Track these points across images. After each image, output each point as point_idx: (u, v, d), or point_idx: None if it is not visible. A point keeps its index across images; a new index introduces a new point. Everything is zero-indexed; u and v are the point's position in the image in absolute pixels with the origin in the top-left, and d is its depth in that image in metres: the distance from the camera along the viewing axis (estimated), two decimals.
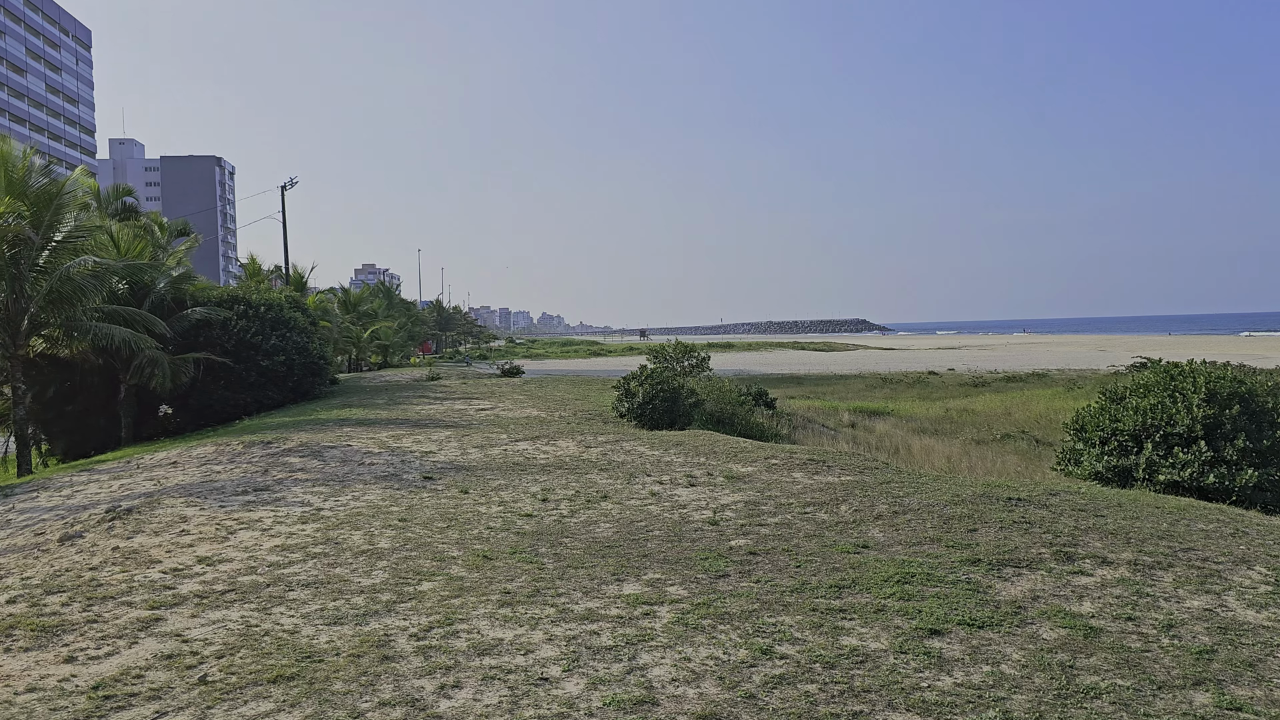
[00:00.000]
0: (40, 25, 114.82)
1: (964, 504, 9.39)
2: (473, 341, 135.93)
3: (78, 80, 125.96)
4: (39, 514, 11.13)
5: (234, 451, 14.75)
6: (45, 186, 21.30)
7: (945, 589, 6.72)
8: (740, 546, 8.06)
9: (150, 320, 23.07)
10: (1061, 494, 10.17)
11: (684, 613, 6.26)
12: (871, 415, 35.65)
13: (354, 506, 10.13)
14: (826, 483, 10.85)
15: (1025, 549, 7.80)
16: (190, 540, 8.65)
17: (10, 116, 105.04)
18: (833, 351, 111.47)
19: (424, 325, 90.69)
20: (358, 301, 61.36)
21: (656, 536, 8.52)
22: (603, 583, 7.04)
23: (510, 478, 11.80)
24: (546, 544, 8.29)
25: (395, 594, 6.78)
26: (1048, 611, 6.26)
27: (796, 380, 53.95)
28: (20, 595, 7.02)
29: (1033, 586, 6.86)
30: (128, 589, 7.06)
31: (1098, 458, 13.11)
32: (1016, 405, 37.18)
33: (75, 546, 8.77)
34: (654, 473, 11.91)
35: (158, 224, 29.69)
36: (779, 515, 9.29)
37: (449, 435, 15.93)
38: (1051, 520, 8.79)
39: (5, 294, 20.59)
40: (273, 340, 26.35)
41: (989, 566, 7.32)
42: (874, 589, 6.73)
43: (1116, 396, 13.68)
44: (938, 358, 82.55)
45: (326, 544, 8.40)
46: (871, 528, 8.71)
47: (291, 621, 6.19)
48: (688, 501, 10.10)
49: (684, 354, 31.99)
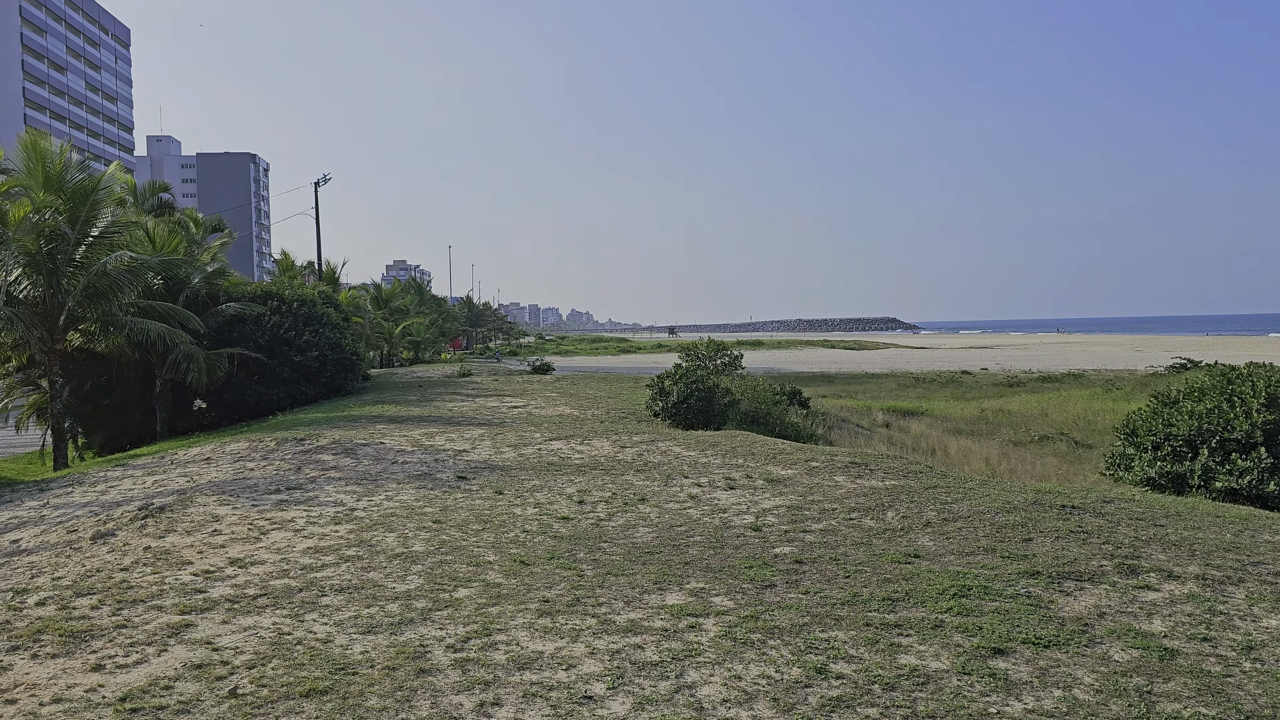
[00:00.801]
0: (80, 24, 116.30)
1: (1016, 511, 9.04)
2: (503, 338, 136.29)
3: (116, 78, 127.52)
4: (73, 510, 11.05)
5: (267, 448, 14.65)
6: (81, 182, 21.35)
7: (1005, 603, 6.40)
8: (785, 554, 7.77)
9: (185, 316, 23.09)
10: (1116, 501, 9.79)
11: (731, 626, 5.99)
12: (905, 415, 35.18)
13: (387, 507, 9.95)
14: (870, 487, 10.53)
15: (1085, 560, 7.45)
16: (222, 541, 8.49)
17: (51, 114, 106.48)
18: (863, 350, 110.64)
19: (455, 321, 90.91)
20: (389, 297, 61.57)
21: (698, 542, 8.24)
22: (644, 592, 6.78)
23: (545, 478, 11.58)
24: (585, 549, 8.05)
25: (431, 601, 6.56)
26: (1116, 630, 5.92)
27: (828, 379, 53.46)
28: (50, 597, 6.88)
29: (1097, 602, 6.52)
30: (158, 592, 6.89)
31: (1150, 463, 12.68)
32: (1053, 406, 36.55)
33: (107, 545, 8.64)
34: (691, 475, 11.64)
35: (193, 220, 29.77)
36: (823, 521, 8.98)
37: (482, 433, 15.75)
38: (1109, 530, 8.42)
39: (43, 289, 20.66)
40: (306, 336, 26.33)
41: (1049, 579, 6.98)
42: (929, 602, 6.42)
43: (1169, 400, 13.22)
44: (970, 357, 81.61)
45: (360, 546, 8.21)
46: (921, 536, 8.39)
47: (324, 629, 5.99)
48: (728, 505, 9.82)
49: (716, 352, 31.65)
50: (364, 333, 40.66)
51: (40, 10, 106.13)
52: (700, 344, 32.85)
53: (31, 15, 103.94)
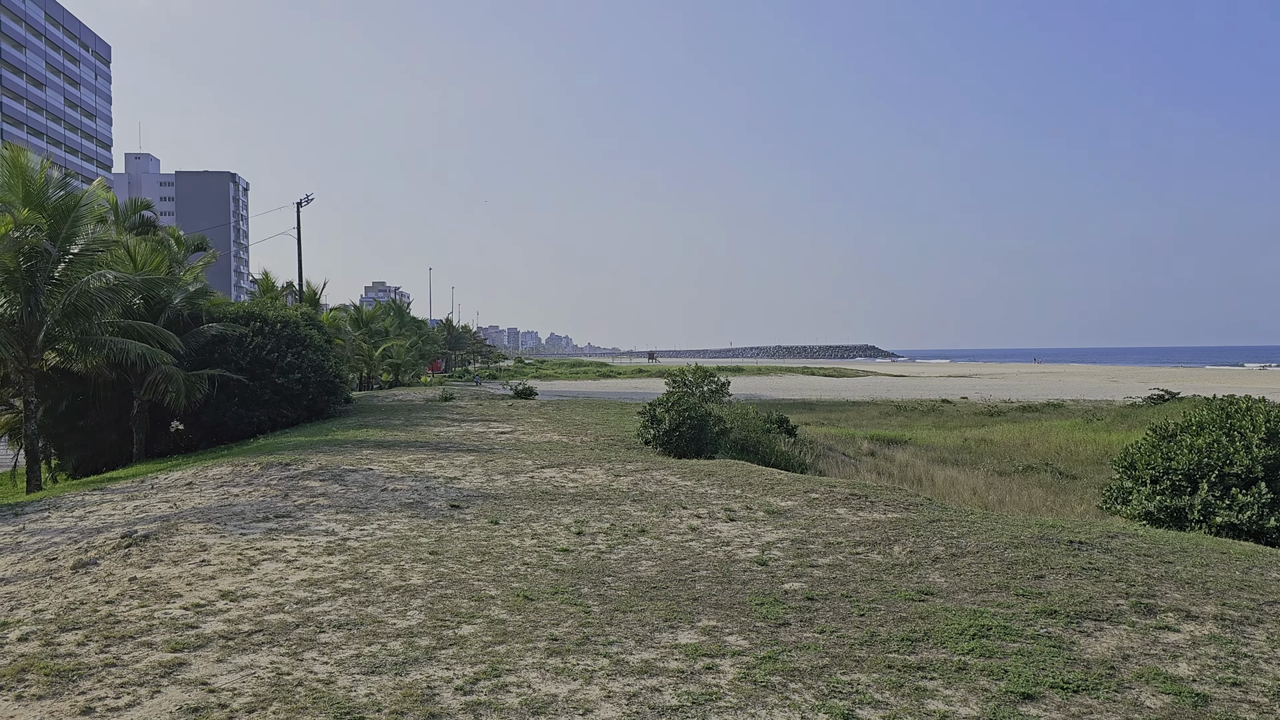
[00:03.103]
0: (61, 40, 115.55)
1: (1024, 547, 8.90)
2: (482, 361, 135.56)
3: (96, 95, 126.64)
4: (50, 536, 10.69)
5: (251, 473, 14.31)
6: (63, 199, 21.01)
7: (1026, 644, 6.24)
8: (795, 590, 7.58)
9: (165, 336, 22.70)
10: (1120, 536, 9.68)
11: (749, 667, 5.78)
12: (889, 444, 35.15)
13: (381, 537, 9.67)
14: (873, 520, 10.36)
15: (1101, 599, 7.30)
16: (211, 571, 8.19)
17: (29, 129, 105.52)
18: (843, 377, 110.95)
19: (434, 344, 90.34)
20: (369, 319, 61.07)
21: (704, 577, 8.04)
22: (655, 630, 6.56)
23: (541, 508, 11.33)
24: (588, 583, 7.82)
25: (434, 638, 6.31)
26: (1144, 673, 5.76)
27: (809, 406, 53.42)
28: (33, 632, 6.57)
29: (1119, 643, 6.36)
30: (148, 627, 6.60)
31: (1149, 497, 12.60)
32: (1035, 436, 36.63)
33: (90, 575, 8.33)
34: (690, 505, 11.43)
35: (175, 238, 29.40)
36: (830, 555, 8.80)
37: (472, 460, 15.48)
38: (1119, 567, 8.29)
39: (20, 307, 20.25)
40: (288, 358, 25.97)
41: (1067, 619, 6.82)
42: (949, 643, 6.24)
43: (1168, 433, 13.17)
44: (949, 385, 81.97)
45: (356, 579, 7.93)
46: (931, 571, 8.22)
47: (325, 669, 5.72)
48: (730, 538, 9.62)
49: (703, 379, 31.52)
50: (345, 355, 40.25)
51: (20, 25, 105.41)
52: (687, 370, 32.73)
53: (11, 30, 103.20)
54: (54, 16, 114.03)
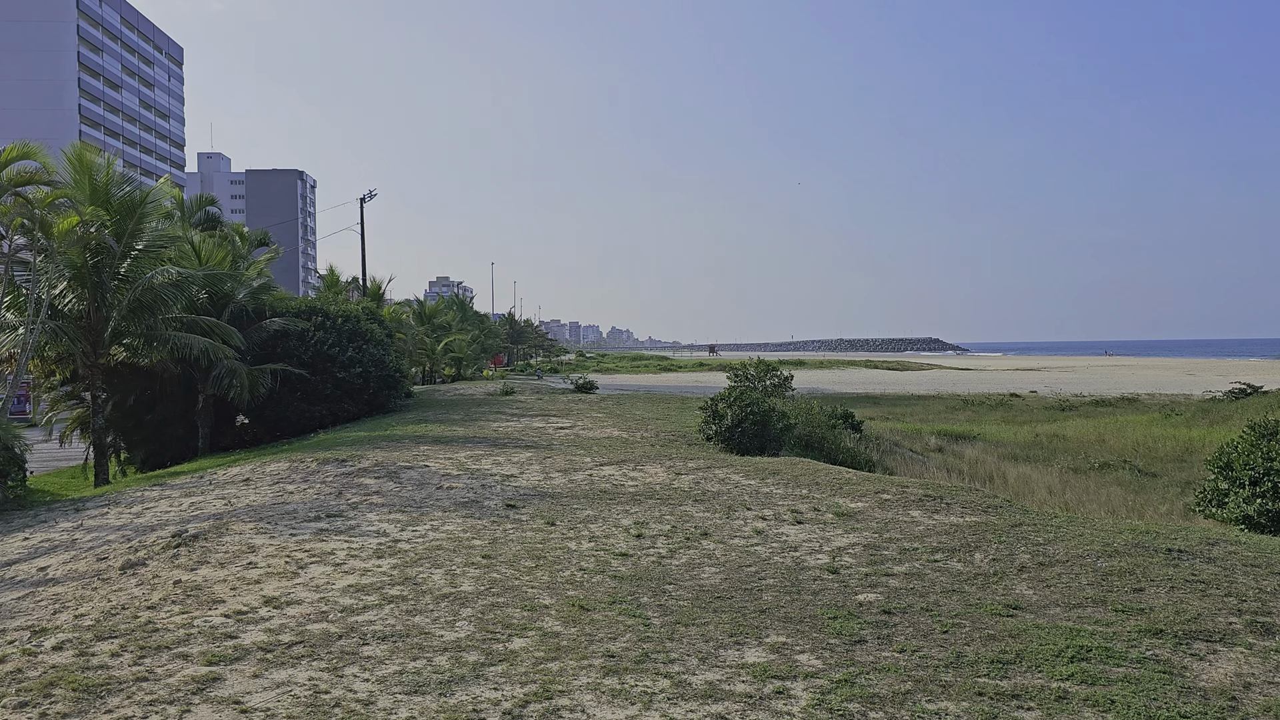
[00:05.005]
0: (135, 43, 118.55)
1: (1118, 555, 8.22)
2: (543, 355, 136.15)
3: (169, 96, 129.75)
4: (106, 534, 10.59)
5: (308, 469, 14.15)
6: (128, 195, 21.20)
7: (1131, 669, 5.62)
8: (870, 602, 7.03)
9: (228, 331, 22.79)
10: (1221, 543, 8.92)
11: (824, 692, 5.27)
12: (958, 439, 34.12)
13: (433, 538, 9.33)
14: (950, 523, 9.73)
15: (1210, 617, 6.63)
16: (257, 575, 7.91)
17: (105, 130, 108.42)
18: (907, 370, 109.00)
19: (496, 338, 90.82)
20: (432, 314, 61.44)
21: (771, 586, 7.53)
22: (720, 646, 6.08)
23: (599, 508, 10.91)
24: (648, 592, 7.36)
25: (483, 653, 5.91)
26: (1271, 706, 5.13)
27: (873, 400, 52.34)
28: (69, 640, 6.32)
29: (1237, 669, 5.71)
30: (185, 636, 6.31)
31: (1248, 500, 11.75)
32: (1110, 431, 35.28)
33: (136, 577, 8.12)
34: (754, 506, 10.91)
35: (239, 234, 29.61)
36: (905, 563, 8.22)
37: (530, 456, 15.13)
38: (1226, 579, 7.58)
39: (87, 302, 20.48)
40: (349, 352, 25.97)
41: (1175, 640, 6.17)
42: (1045, 667, 5.65)
43: (1268, 431, 12.28)
44: (1017, 379, 79.80)
45: (404, 584, 7.59)
46: (1017, 583, 7.60)
47: (366, 687, 5.35)
48: (798, 542, 9.08)
49: (765, 373, 30.85)
50: (407, 349, 40.39)
51: (97, 29, 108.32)
52: (749, 364, 32.08)
53: (88, 34, 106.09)
54: (129, 20, 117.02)
